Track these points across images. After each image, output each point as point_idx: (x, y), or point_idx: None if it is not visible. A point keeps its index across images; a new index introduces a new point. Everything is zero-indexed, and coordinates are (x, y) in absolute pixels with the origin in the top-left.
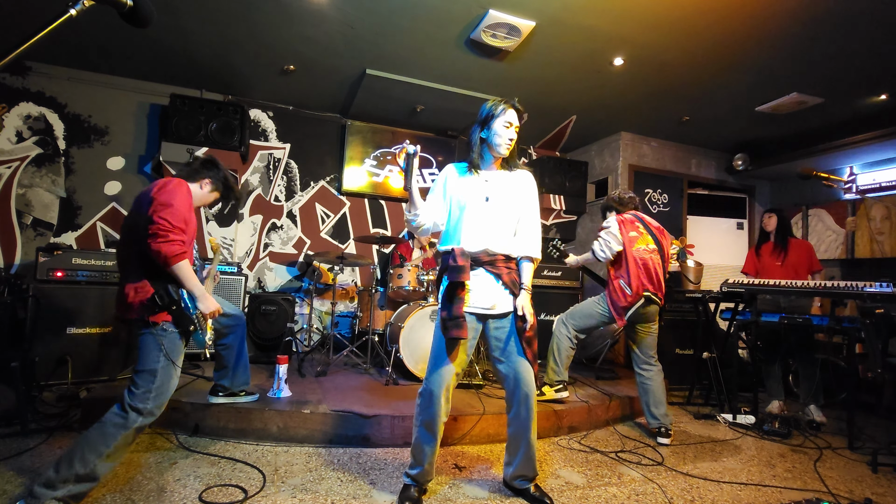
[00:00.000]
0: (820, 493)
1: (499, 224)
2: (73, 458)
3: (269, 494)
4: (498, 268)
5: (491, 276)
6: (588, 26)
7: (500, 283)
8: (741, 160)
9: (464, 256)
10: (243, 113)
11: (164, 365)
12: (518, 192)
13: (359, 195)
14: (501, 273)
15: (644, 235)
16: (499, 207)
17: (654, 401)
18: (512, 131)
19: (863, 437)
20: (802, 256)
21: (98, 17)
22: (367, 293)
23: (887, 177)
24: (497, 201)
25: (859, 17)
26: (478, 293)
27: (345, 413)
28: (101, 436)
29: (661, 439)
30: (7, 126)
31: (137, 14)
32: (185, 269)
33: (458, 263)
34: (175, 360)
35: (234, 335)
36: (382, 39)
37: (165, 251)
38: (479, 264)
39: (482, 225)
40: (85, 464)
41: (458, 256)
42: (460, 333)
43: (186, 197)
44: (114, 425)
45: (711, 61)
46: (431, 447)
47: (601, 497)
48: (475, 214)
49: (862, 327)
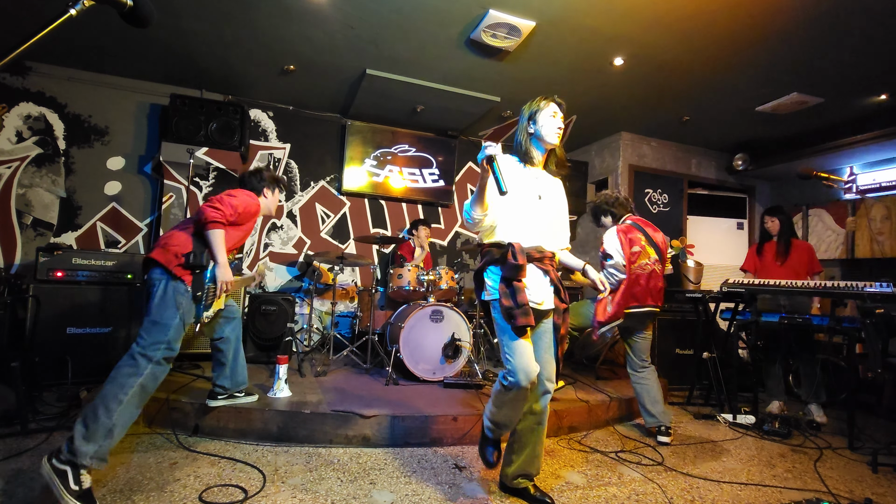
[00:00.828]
0: (820, 493)
1: (549, 223)
2: (98, 411)
3: (269, 494)
4: (546, 265)
5: (540, 272)
6: (588, 26)
7: (549, 279)
8: (741, 160)
9: (522, 254)
10: (243, 113)
11: (177, 324)
12: (560, 194)
13: (359, 195)
14: (549, 270)
15: (646, 248)
16: (550, 207)
17: (651, 399)
18: (559, 120)
19: (863, 437)
20: (803, 258)
21: (98, 17)
22: (367, 293)
23: (887, 177)
24: (548, 201)
25: (859, 17)
26: (531, 288)
27: (345, 413)
28: (119, 386)
29: (661, 438)
30: (7, 126)
31: (137, 14)
32: (218, 237)
33: (518, 262)
34: (186, 322)
35: (230, 326)
36: (382, 39)
37: (207, 214)
38: (531, 260)
39: (535, 222)
40: (109, 413)
41: (519, 254)
42: (528, 321)
43: (250, 201)
44: (127, 375)
45: (711, 61)
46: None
47: (601, 497)
48: (529, 211)
49: (862, 327)
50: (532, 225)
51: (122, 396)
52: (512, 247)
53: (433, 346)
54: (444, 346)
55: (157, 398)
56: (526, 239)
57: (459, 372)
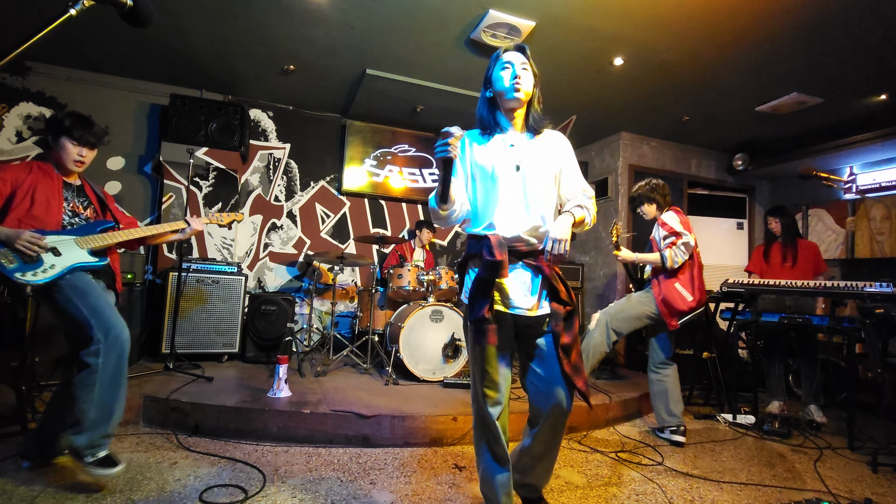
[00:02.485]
0: (820, 493)
1: (536, 200)
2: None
3: (269, 494)
4: (538, 260)
5: (528, 271)
6: (588, 26)
7: (541, 278)
8: (741, 160)
9: (501, 248)
10: (243, 113)
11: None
12: (552, 154)
13: (359, 195)
14: (541, 266)
15: (693, 235)
16: (534, 178)
17: (675, 398)
18: (516, 70)
19: (863, 437)
20: (810, 258)
21: (98, 17)
22: (367, 293)
23: (887, 177)
24: (531, 171)
25: (859, 17)
26: (514, 291)
27: (345, 413)
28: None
29: (677, 437)
30: (7, 126)
31: (137, 14)
32: None
33: (496, 258)
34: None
35: (101, 357)
36: (382, 39)
37: None
38: (517, 257)
39: (516, 202)
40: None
41: (495, 248)
42: (489, 339)
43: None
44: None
45: (711, 61)
46: (504, 478)
47: (601, 497)
48: (505, 188)
49: (862, 327)
50: (510, 206)
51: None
52: (487, 240)
53: (433, 346)
54: (444, 346)
55: (157, 398)
56: (505, 227)
57: (459, 372)
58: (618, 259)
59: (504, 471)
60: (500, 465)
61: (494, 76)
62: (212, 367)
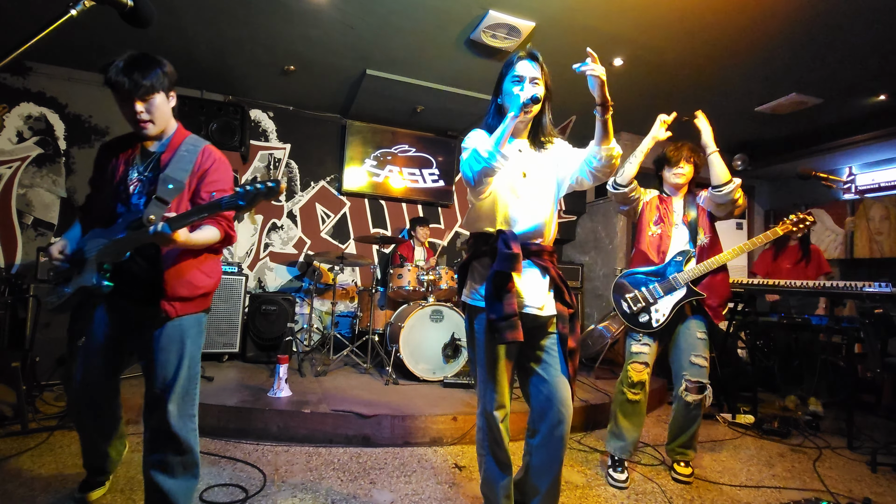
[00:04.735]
0: (819, 492)
1: (540, 206)
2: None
3: (269, 494)
4: (544, 260)
5: (538, 269)
6: (588, 26)
7: (548, 278)
8: (741, 160)
9: (516, 242)
10: (243, 113)
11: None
12: (553, 159)
13: (359, 195)
14: (549, 267)
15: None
16: (539, 185)
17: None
18: (525, 86)
19: (862, 436)
20: (814, 260)
21: (98, 17)
22: (367, 293)
23: (886, 177)
24: (536, 178)
25: (858, 17)
26: (525, 288)
27: (345, 413)
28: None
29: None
30: (8, 126)
31: (138, 14)
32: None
33: (512, 251)
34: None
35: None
36: (382, 39)
37: None
38: (526, 255)
39: (524, 205)
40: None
41: (511, 241)
42: (516, 336)
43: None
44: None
45: (711, 62)
46: (506, 482)
47: (601, 497)
48: (514, 191)
49: (861, 327)
50: (519, 209)
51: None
52: (503, 233)
53: (433, 346)
54: (444, 346)
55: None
56: (514, 227)
57: (459, 372)
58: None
59: (506, 476)
60: (503, 471)
61: (505, 89)
62: (212, 367)
